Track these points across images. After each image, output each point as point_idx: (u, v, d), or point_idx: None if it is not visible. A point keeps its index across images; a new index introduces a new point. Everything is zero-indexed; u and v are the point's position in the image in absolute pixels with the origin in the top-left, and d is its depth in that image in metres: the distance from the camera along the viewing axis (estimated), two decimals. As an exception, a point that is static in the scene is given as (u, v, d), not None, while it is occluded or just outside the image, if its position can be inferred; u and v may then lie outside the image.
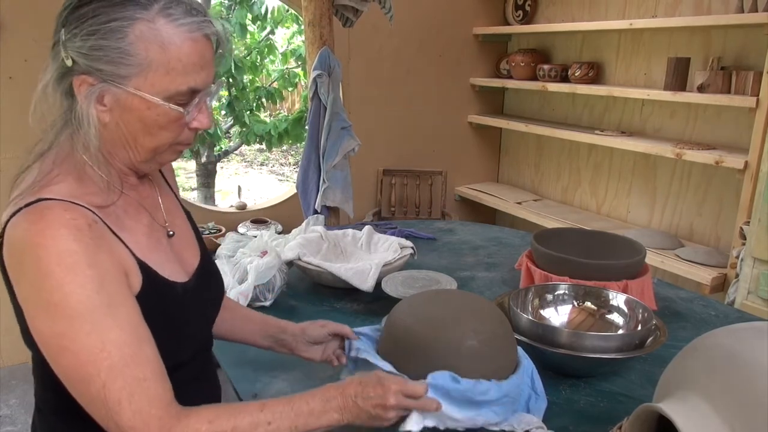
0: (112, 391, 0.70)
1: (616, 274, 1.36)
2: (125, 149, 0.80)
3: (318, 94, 2.51)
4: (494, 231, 2.16)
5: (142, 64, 0.73)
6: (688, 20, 2.53)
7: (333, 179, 2.57)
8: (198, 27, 0.76)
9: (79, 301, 0.70)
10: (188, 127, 0.81)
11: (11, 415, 2.49)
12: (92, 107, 0.75)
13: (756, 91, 2.25)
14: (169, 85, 0.75)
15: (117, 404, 0.71)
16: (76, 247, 0.70)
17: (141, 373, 0.72)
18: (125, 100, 0.75)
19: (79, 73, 0.74)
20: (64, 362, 0.72)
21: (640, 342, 1.11)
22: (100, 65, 0.73)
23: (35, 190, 0.75)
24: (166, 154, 0.84)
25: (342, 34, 2.84)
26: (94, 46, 0.72)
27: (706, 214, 2.74)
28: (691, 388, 0.72)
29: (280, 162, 8.04)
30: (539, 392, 0.98)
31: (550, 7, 3.45)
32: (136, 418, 0.71)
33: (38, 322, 0.72)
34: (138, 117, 0.76)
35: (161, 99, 0.75)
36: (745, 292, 2.15)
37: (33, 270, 0.70)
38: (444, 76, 3.65)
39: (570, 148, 3.41)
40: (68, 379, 0.73)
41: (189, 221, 0.99)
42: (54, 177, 0.77)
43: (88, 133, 0.75)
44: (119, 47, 0.72)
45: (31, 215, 0.72)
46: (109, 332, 0.71)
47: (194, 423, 0.73)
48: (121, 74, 0.73)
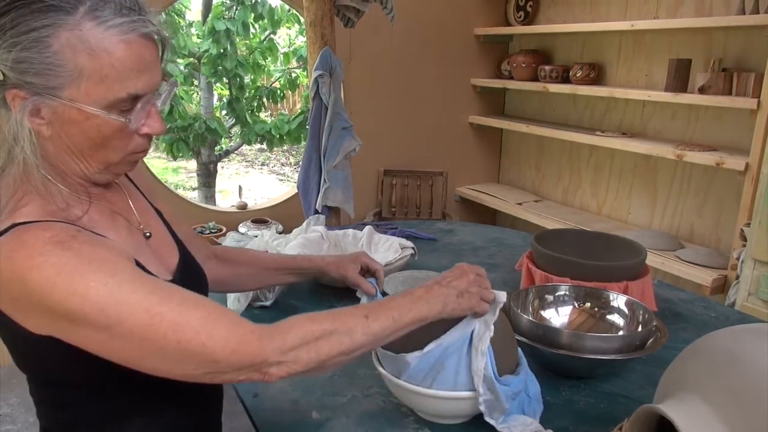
0: (189, 340, 0.69)
1: (617, 275, 1.36)
2: (74, 162, 0.75)
3: (319, 94, 2.51)
4: (495, 232, 2.16)
5: (73, 73, 0.68)
6: (690, 22, 2.53)
7: (334, 179, 2.57)
8: (131, 27, 0.69)
9: (98, 294, 0.66)
10: (138, 134, 0.76)
11: (11, 413, 2.49)
12: (26, 121, 0.69)
13: (757, 93, 2.25)
14: (106, 93, 0.70)
15: (203, 347, 0.69)
16: (69, 254, 0.67)
17: (201, 311, 0.71)
18: (63, 112, 0.70)
19: (10, 87, 0.69)
20: (124, 354, 0.70)
21: (640, 343, 1.11)
22: (29, 78, 0.68)
23: (4, 218, 0.71)
24: (121, 165, 0.79)
25: (343, 34, 2.84)
26: (17, 59, 0.67)
27: (706, 215, 2.74)
28: (691, 389, 0.72)
29: (281, 162, 8.05)
30: (531, 395, 0.98)
31: (551, 8, 3.45)
32: (230, 342, 0.70)
33: (78, 332, 0.69)
34: (80, 129, 0.71)
35: (99, 109, 0.70)
36: (746, 294, 2.15)
37: (35, 295, 0.66)
38: (445, 76, 3.65)
39: (571, 149, 3.41)
40: (140, 364, 0.71)
41: (163, 222, 0.97)
42: (20, 199, 0.73)
43: (24, 149, 0.70)
44: (44, 58, 0.67)
45: (10, 243, 0.68)
46: (145, 300, 0.68)
47: (293, 321, 0.76)
48: (52, 86, 0.68)
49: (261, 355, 0.72)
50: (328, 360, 0.76)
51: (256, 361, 0.72)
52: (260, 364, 0.72)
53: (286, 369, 0.73)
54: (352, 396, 1.06)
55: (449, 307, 0.85)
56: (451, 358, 0.90)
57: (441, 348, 0.90)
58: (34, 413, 0.93)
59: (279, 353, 0.72)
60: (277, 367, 0.73)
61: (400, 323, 0.81)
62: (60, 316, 0.68)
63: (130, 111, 0.73)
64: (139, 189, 0.96)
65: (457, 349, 0.90)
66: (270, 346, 0.72)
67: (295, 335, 0.74)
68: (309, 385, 1.10)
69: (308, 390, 1.08)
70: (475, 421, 0.98)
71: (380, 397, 1.06)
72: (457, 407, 0.94)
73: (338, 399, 1.05)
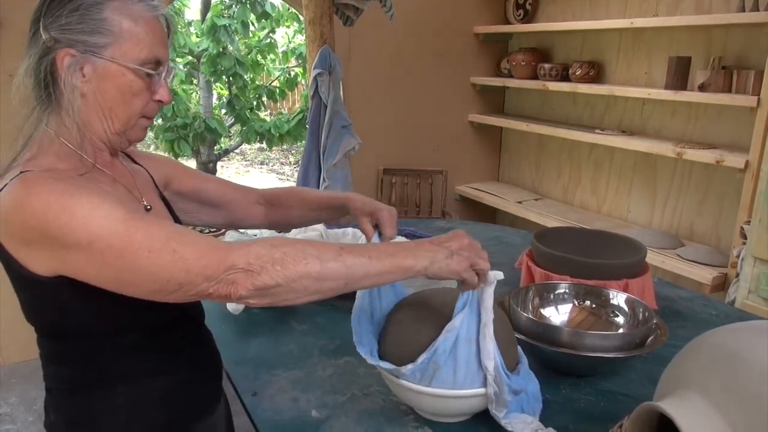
0: (161, 249, 0.74)
1: (617, 273, 1.35)
2: (100, 120, 0.87)
3: (318, 92, 2.51)
4: (494, 230, 2.16)
5: (117, 34, 0.83)
6: (689, 19, 2.53)
7: (333, 178, 2.57)
8: (156, 9, 0.88)
9: (83, 209, 0.74)
10: (153, 98, 0.90)
11: (11, 413, 2.49)
12: (75, 77, 0.83)
13: (757, 91, 2.24)
14: (139, 53, 0.85)
15: (173, 253, 0.74)
16: (63, 183, 0.77)
17: (174, 227, 0.78)
18: (103, 68, 0.84)
19: (62, 48, 0.82)
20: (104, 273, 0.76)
21: (640, 341, 1.11)
22: (82, 37, 0.82)
23: (17, 168, 0.82)
24: (135, 130, 0.91)
25: (342, 32, 2.83)
26: (77, 20, 0.82)
27: (706, 213, 2.74)
28: (692, 387, 0.72)
29: (281, 161, 8.04)
30: (530, 393, 0.98)
31: (550, 6, 3.45)
32: (200, 248, 0.75)
33: (67, 263, 0.77)
34: (114, 84, 0.85)
35: (134, 65, 0.85)
36: (746, 292, 2.14)
37: (32, 219, 0.75)
38: (445, 75, 3.65)
39: (570, 147, 3.41)
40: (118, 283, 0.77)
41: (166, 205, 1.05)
42: (34, 155, 0.84)
43: (73, 103, 0.83)
44: (97, 21, 0.82)
45: (15, 184, 0.78)
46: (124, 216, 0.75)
47: (260, 242, 0.77)
48: (100, 44, 0.83)
49: (228, 259, 0.74)
50: (296, 278, 0.75)
51: (223, 266, 0.74)
52: (228, 269, 0.74)
53: (251, 279, 0.74)
54: (352, 395, 1.06)
55: (436, 266, 0.82)
56: (448, 359, 0.90)
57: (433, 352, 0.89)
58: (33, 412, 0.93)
59: (245, 259, 0.74)
60: (243, 275, 0.74)
61: (378, 265, 0.79)
62: (53, 239, 0.75)
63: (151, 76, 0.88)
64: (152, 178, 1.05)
65: (450, 347, 0.89)
66: (237, 251, 0.75)
67: (262, 244, 0.76)
68: (308, 384, 1.10)
69: (308, 388, 1.08)
70: (475, 419, 0.98)
71: (380, 395, 1.06)
72: (456, 405, 0.94)
73: (338, 398, 1.05)
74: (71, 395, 0.91)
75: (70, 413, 0.92)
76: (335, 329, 1.32)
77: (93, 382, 0.89)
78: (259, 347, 1.25)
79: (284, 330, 1.33)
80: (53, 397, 0.93)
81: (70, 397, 0.91)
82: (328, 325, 1.35)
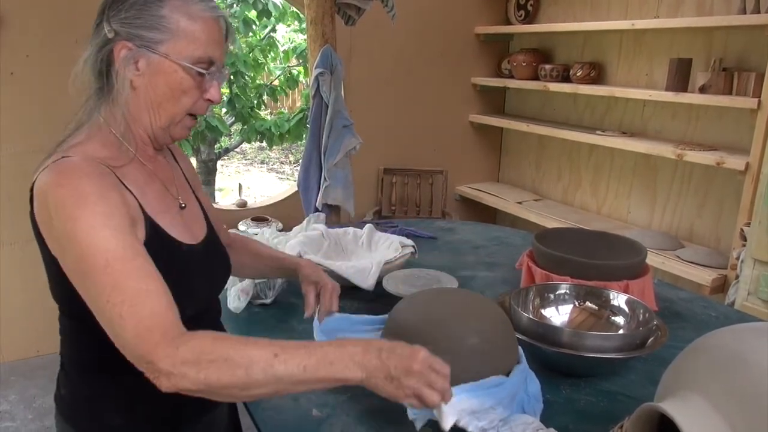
0: (115, 304, 0.75)
1: (617, 274, 1.36)
2: (148, 114, 0.90)
3: (320, 92, 2.51)
4: (495, 230, 2.16)
5: (173, 31, 0.86)
6: (690, 21, 2.53)
7: (334, 177, 2.57)
8: (215, 10, 0.90)
9: (89, 225, 0.77)
10: (202, 97, 0.92)
11: (11, 410, 2.49)
12: (129, 70, 0.86)
13: (757, 93, 2.25)
14: (193, 52, 0.87)
15: (119, 317, 0.74)
16: (88, 184, 0.80)
17: (143, 285, 0.77)
18: (157, 63, 0.87)
19: (120, 40, 0.86)
20: (84, 286, 0.79)
21: (640, 342, 1.11)
22: (140, 32, 0.85)
23: (61, 152, 0.86)
24: (180, 127, 0.93)
25: (344, 32, 2.83)
26: (136, 15, 0.85)
27: (706, 215, 2.74)
28: (692, 388, 0.72)
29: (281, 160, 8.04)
30: (530, 393, 0.98)
31: (551, 7, 3.45)
32: (140, 325, 0.74)
33: (66, 255, 0.80)
34: (165, 81, 0.88)
35: (187, 63, 0.87)
36: (745, 294, 2.15)
37: (55, 208, 0.79)
38: (445, 75, 3.65)
39: (571, 148, 3.41)
40: (89, 303, 0.79)
41: (199, 205, 1.07)
42: (81, 141, 0.88)
43: (124, 95, 0.87)
44: (155, 18, 0.85)
45: (54, 168, 0.82)
46: (113, 252, 0.77)
47: (199, 336, 0.75)
48: (156, 39, 0.86)
49: (152, 354, 0.72)
50: (218, 388, 0.73)
51: (147, 359, 0.73)
52: (150, 363, 0.73)
53: (174, 382, 0.72)
54: (353, 394, 1.06)
55: (373, 381, 0.75)
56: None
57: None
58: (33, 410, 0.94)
59: (170, 363, 0.72)
60: (166, 378, 0.72)
61: (312, 376, 0.73)
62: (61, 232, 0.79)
63: (203, 76, 0.90)
64: (186, 176, 1.09)
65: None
66: (164, 350, 0.72)
67: (190, 350, 0.72)
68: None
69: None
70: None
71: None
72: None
73: (339, 397, 1.05)
74: (81, 374, 0.95)
75: (78, 391, 0.95)
76: (336, 328, 1.32)
77: (103, 365, 0.91)
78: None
79: (285, 329, 1.33)
80: (65, 373, 0.97)
81: (79, 375, 0.95)
82: (329, 324, 1.35)
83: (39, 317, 2.75)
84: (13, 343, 2.81)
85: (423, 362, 0.76)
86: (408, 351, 0.76)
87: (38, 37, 2.60)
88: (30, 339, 2.83)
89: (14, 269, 2.75)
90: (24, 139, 2.66)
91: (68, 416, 0.97)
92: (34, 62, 2.62)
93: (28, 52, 2.59)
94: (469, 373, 0.91)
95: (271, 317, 1.39)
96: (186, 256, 0.94)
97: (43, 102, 2.65)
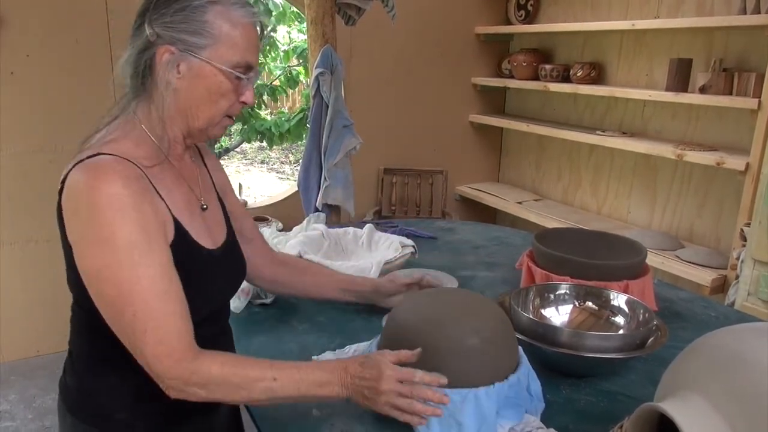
0: (140, 320, 0.81)
1: (617, 274, 1.36)
2: (185, 116, 0.93)
3: (320, 92, 2.51)
4: (495, 230, 2.16)
5: (216, 37, 0.88)
6: (691, 21, 2.53)
7: (334, 177, 2.57)
8: (254, 15, 0.93)
9: (123, 237, 0.81)
10: (238, 100, 0.94)
11: (10, 410, 2.49)
12: (171, 73, 0.88)
13: (758, 93, 2.25)
14: (232, 57, 0.90)
15: (143, 333, 0.81)
16: (125, 192, 0.82)
17: (169, 308, 0.83)
18: (198, 67, 0.89)
19: (163, 44, 0.88)
20: (105, 292, 0.83)
21: (640, 342, 1.11)
22: (184, 36, 0.88)
23: (96, 147, 0.88)
24: (217, 128, 0.96)
25: (344, 32, 2.83)
26: (181, 20, 0.87)
27: (706, 215, 2.74)
28: (692, 387, 0.72)
29: (281, 160, 8.04)
30: (533, 393, 0.98)
31: (552, 7, 3.45)
32: (159, 347, 0.82)
33: (87, 256, 0.83)
34: (205, 84, 0.90)
35: (227, 67, 0.90)
36: (745, 294, 2.15)
37: (86, 209, 0.82)
38: (445, 75, 3.65)
39: (571, 148, 3.41)
40: (107, 309, 0.84)
41: (221, 207, 1.10)
42: (115, 138, 0.90)
43: (164, 97, 0.89)
44: (199, 23, 0.88)
45: (89, 165, 0.84)
46: (147, 268, 0.82)
47: (208, 362, 0.84)
48: (199, 45, 0.88)
49: (166, 375, 0.83)
50: (223, 402, 0.88)
51: (161, 377, 0.83)
52: (163, 381, 0.84)
53: (183, 396, 0.85)
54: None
55: (355, 399, 0.90)
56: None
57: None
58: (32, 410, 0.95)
59: (181, 383, 0.83)
60: (175, 392, 0.85)
61: (306, 395, 0.88)
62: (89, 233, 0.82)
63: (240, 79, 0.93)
64: (212, 179, 1.11)
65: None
66: (177, 373, 0.83)
67: (200, 376, 0.84)
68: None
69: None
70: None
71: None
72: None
73: (338, 396, 1.05)
74: (88, 365, 0.97)
75: (83, 381, 0.97)
76: (336, 328, 1.32)
77: (110, 359, 0.93)
78: (260, 345, 1.25)
79: (285, 329, 1.33)
80: (72, 361, 0.99)
81: (86, 366, 0.97)
82: (329, 323, 1.35)
83: (39, 317, 2.76)
84: (13, 343, 2.81)
85: (388, 380, 0.87)
86: (375, 373, 0.87)
87: (38, 36, 2.60)
88: (30, 339, 2.83)
89: (14, 269, 2.75)
90: (24, 139, 2.66)
91: (71, 405, 0.99)
92: (35, 62, 2.62)
93: (28, 51, 2.59)
94: (468, 374, 0.91)
95: (271, 317, 1.39)
96: (207, 261, 0.97)
97: (43, 102, 2.65)
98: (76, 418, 0.98)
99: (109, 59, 2.69)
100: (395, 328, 1.01)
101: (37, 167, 2.71)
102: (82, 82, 2.68)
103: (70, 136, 2.74)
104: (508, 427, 0.91)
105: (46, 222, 2.79)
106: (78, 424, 0.97)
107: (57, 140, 2.70)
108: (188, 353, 0.83)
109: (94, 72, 2.69)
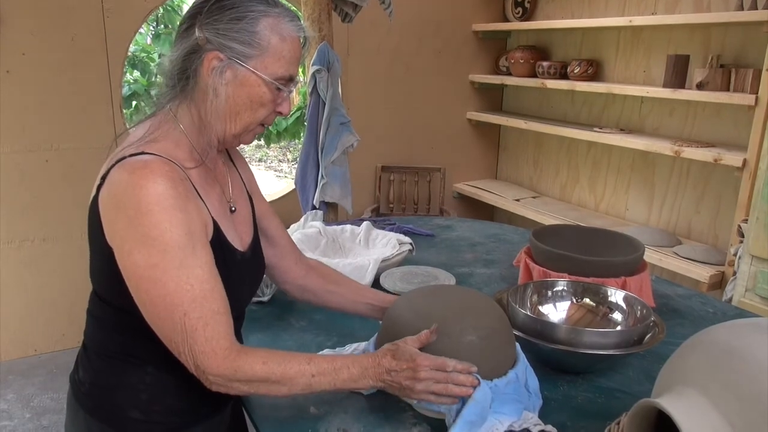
0: (191, 318, 0.83)
1: (615, 271, 1.36)
2: (225, 121, 0.93)
3: (317, 89, 2.50)
4: (493, 228, 2.16)
5: (264, 48, 0.90)
6: (688, 17, 2.53)
7: (332, 175, 2.57)
8: (302, 30, 0.95)
9: (172, 238, 0.83)
10: (275, 110, 0.96)
11: (8, 410, 2.48)
12: (217, 79, 0.90)
13: (755, 89, 2.25)
14: (277, 69, 0.92)
15: (194, 331, 0.83)
16: (172, 193, 0.84)
17: (216, 307, 0.85)
18: (243, 76, 0.91)
19: (211, 50, 0.89)
20: (153, 292, 0.83)
21: (638, 338, 1.11)
22: (233, 44, 0.89)
23: (139, 145, 0.89)
24: (250, 135, 0.98)
25: (341, 29, 2.83)
26: (233, 29, 0.89)
27: (704, 211, 2.75)
28: (690, 383, 0.72)
29: (278, 158, 8.03)
30: (531, 390, 0.98)
31: (549, 4, 3.45)
32: (207, 344, 0.84)
33: (134, 255, 0.83)
34: (248, 93, 0.92)
35: (271, 79, 0.92)
36: (743, 290, 2.15)
37: (133, 208, 0.82)
38: (443, 72, 3.64)
39: (569, 145, 3.41)
40: (153, 307, 0.84)
41: (251, 208, 1.11)
42: (156, 138, 0.91)
43: (209, 102, 0.91)
44: (250, 33, 0.89)
45: (135, 163, 0.85)
46: (193, 269, 0.84)
47: (251, 359, 0.87)
48: (247, 54, 0.90)
49: (213, 371, 0.85)
50: (262, 396, 0.92)
51: (206, 374, 0.86)
52: (207, 378, 0.86)
53: (225, 391, 0.88)
54: (351, 391, 1.06)
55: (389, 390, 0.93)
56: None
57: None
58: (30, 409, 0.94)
59: (226, 379, 0.86)
60: (218, 387, 0.87)
61: (341, 388, 0.92)
62: (136, 232, 0.82)
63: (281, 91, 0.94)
64: (243, 179, 1.12)
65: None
66: (223, 371, 0.85)
67: (243, 373, 0.86)
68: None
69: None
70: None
71: (379, 392, 1.06)
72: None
73: (337, 394, 1.05)
74: (104, 361, 0.96)
75: (99, 377, 0.97)
76: (333, 326, 1.32)
77: (126, 356, 0.94)
78: (257, 343, 1.25)
79: (283, 326, 1.33)
80: (87, 356, 0.99)
81: (102, 362, 0.97)
82: (326, 321, 1.35)
83: (37, 316, 2.76)
84: (10, 342, 2.80)
85: (426, 369, 0.89)
86: (412, 365, 0.90)
87: (34, 35, 2.59)
88: (28, 338, 2.82)
89: (12, 268, 2.74)
90: (20, 137, 2.65)
91: (83, 401, 0.99)
92: (30, 60, 2.61)
93: (23, 50, 2.58)
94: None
95: (269, 315, 1.39)
96: (239, 263, 0.99)
97: (39, 100, 2.64)
98: (89, 414, 0.97)
99: (105, 57, 2.69)
100: (393, 326, 1.01)
101: (33, 166, 2.69)
102: (78, 81, 2.67)
103: (66, 134, 2.74)
104: (507, 423, 0.91)
105: (43, 221, 2.79)
106: (91, 420, 0.97)
107: (53, 139, 2.69)
108: (233, 351, 0.86)
109: (90, 70, 2.69)
